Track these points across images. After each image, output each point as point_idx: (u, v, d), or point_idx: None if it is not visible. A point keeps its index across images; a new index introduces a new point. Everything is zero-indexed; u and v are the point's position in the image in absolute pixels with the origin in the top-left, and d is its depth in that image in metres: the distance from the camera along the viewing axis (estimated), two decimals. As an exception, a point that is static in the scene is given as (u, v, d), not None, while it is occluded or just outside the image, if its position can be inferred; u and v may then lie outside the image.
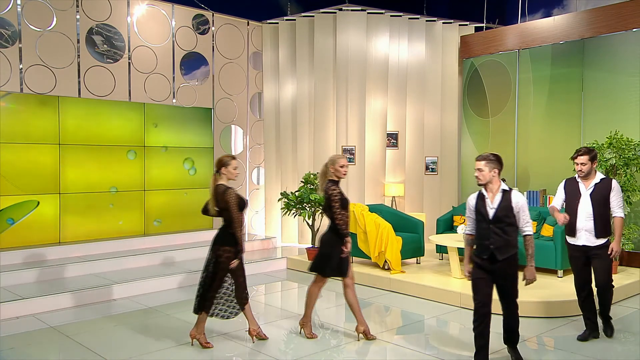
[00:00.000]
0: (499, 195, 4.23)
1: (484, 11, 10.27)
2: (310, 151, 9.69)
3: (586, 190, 4.87)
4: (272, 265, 8.35)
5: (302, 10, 10.13)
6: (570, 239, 4.98)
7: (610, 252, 4.85)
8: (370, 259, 7.51)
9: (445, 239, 7.14)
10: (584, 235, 4.86)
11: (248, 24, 10.05)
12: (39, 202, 7.64)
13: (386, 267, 7.32)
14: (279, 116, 10.04)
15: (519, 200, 4.22)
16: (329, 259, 4.98)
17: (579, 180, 4.93)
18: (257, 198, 10.34)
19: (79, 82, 8.07)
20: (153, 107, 8.79)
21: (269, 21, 10.08)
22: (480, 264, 4.26)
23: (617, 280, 6.72)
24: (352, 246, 7.78)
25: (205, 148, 9.43)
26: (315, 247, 8.26)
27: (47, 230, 7.73)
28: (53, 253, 7.48)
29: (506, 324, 4.45)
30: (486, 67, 9.51)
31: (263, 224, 10.32)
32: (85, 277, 7.02)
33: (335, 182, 4.99)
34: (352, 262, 7.93)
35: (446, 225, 8.16)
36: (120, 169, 8.41)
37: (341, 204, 4.94)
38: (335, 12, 9.38)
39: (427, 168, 9.70)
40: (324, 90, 9.47)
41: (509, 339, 4.50)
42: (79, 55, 8.07)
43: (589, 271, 4.98)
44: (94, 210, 8.16)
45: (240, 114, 10.01)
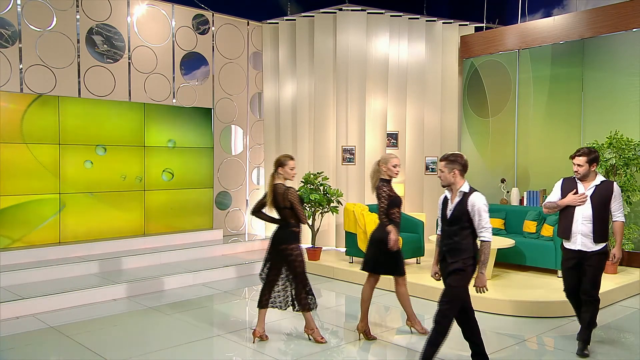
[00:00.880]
0: (457, 197, 4.13)
1: (484, 11, 10.27)
2: (310, 151, 9.70)
3: (585, 192, 4.66)
4: (272, 265, 8.34)
5: (302, 10, 10.13)
6: (565, 243, 4.75)
7: (612, 258, 4.65)
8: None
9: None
10: (579, 239, 4.63)
11: (248, 24, 10.06)
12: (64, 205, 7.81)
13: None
14: (279, 116, 10.04)
15: (475, 203, 4.02)
16: (398, 257, 5.06)
17: (578, 181, 4.72)
18: (257, 198, 10.31)
19: (79, 82, 8.07)
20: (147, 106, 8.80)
21: (269, 21, 10.08)
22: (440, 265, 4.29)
23: (617, 280, 6.74)
24: (352, 246, 7.84)
25: (206, 148, 9.44)
26: (315, 248, 8.27)
27: (47, 230, 7.74)
28: (53, 253, 7.48)
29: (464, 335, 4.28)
30: (486, 67, 9.51)
31: (263, 224, 10.32)
32: (85, 277, 7.02)
33: (387, 181, 5.04)
34: (351, 262, 7.95)
35: (446, 225, 8.15)
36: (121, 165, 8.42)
37: (391, 202, 4.97)
38: (335, 12, 9.38)
39: (427, 168, 9.70)
40: (324, 90, 9.47)
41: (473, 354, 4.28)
42: (79, 55, 8.07)
43: (578, 277, 4.71)
44: (95, 209, 8.17)
45: (240, 114, 10.01)
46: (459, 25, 9.93)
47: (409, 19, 9.65)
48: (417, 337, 5.21)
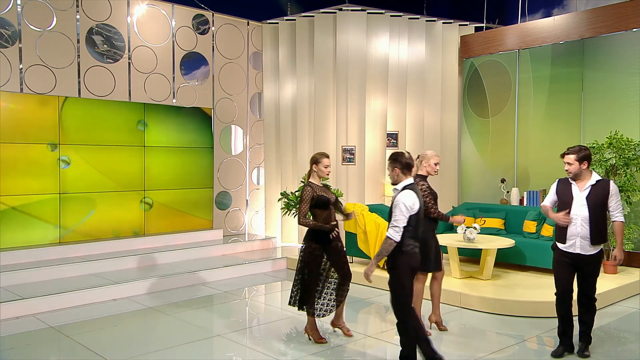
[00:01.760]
0: (394, 195, 4.16)
1: (484, 11, 10.27)
2: (310, 151, 9.68)
3: (580, 192, 4.46)
4: (272, 265, 8.35)
5: (302, 10, 10.13)
6: (560, 245, 4.57)
7: (613, 259, 4.56)
8: (370, 258, 7.50)
9: (445, 239, 7.13)
10: (578, 242, 4.45)
11: (248, 24, 10.05)
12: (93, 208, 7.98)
13: (385, 267, 7.31)
14: (279, 116, 10.04)
15: (397, 200, 4.02)
16: (427, 254, 5.03)
17: (572, 181, 4.54)
18: (257, 198, 10.34)
19: (79, 82, 8.07)
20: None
21: (269, 21, 10.08)
22: None
23: (617, 280, 6.75)
24: (352, 246, 7.83)
25: (206, 148, 9.44)
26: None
27: (47, 230, 7.74)
28: (53, 253, 7.48)
29: None
30: (486, 67, 9.51)
31: (263, 224, 10.32)
32: (85, 277, 7.02)
33: (424, 177, 5.12)
34: (351, 262, 7.94)
35: (446, 226, 8.16)
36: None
37: (432, 197, 5.06)
38: (335, 12, 9.38)
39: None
40: (324, 90, 9.47)
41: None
42: (79, 55, 8.07)
43: (572, 280, 4.57)
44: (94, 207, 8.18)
45: (240, 114, 10.01)
46: (459, 25, 9.92)
47: (409, 19, 9.64)
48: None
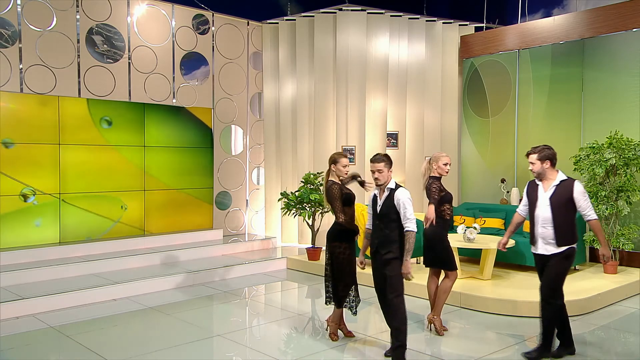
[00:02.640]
0: (385, 193, 4.43)
1: (484, 11, 10.27)
2: (310, 151, 9.69)
3: (545, 193, 4.43)
4: (272, 265, 8.35)
5: (302, 10, 10.13)
6: (532, 247, 4.57)
7: (601, 257, 4.46)
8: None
9: (445, 239, 7.13)
10: (541, 244, 4.43)
11: (248, 24, 10.05)
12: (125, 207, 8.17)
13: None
14: (279, 116, 10.04)
15: (400, 197, 4.33)
16: (449, 252, 5.18)
17: (538, 182, 4.51)
18: (257, 198, 10.34)
19: (79, 82, 8.07)
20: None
21: (269, 21, 10.08)
22: (372, 258, 4.55)
23: (617, 280, 6.74)
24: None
25: (206, 148, 9.44)
26: (315, 248, 8.26)
27: (47, 230, 7.74)
28: (53, 253, 7.48)
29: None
30: (486, 67, 9.51)
31: (263, 224, 10.32)
32: (85, 277, 7.02)
33: (437, 178, 5.18)
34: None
35: (446, 225, 8.16)
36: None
37: (442, 198, 5.11)
38: (335, 12, 9.38)
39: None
40: (324, 90, 9.47)
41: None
42: (79, 55, 8.07)
43: None
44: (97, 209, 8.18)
45: (240, 114, 10.01)
46: (459, 25, 9.92)
47: (409, 19, 9.64)
48: (417, 337, 5.21)
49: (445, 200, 5.14)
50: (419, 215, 8.72)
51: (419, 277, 6.90)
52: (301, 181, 8.48)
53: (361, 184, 5.19)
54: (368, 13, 9.38)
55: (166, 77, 9.00)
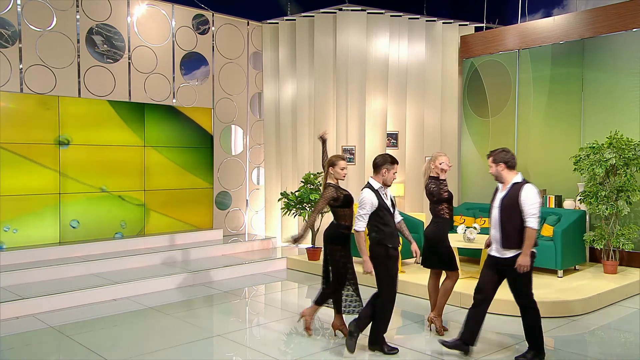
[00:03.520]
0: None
1: (484, 11, 10.27)
2: (310, 151, 9.69)
3: (500, 194, 4.48)
4: (272, 265, 8.35)
5: (302, 10, 10.13)
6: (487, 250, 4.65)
7: (517, 267, 4.33)
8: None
9: (445, 239, 7.12)
10: (493, 245, 4.50)
11: (248, 24, 10.06)
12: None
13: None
14: (279, 116, 10.04)
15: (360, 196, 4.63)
16: (450, 252, 5.16)
17: (499, 184, 4.56)
18: (257, 198, 10.34)
19: (79, 82, 8.07)
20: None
21: (269, 21, 10.08)
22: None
23: (617, 280, 6.74)
24: (352, 246, 7.81)
25: (206, 148, 9.44)
26: (315, 248, 8.26)
27: (47, 230, 7.74)
28: (53, 253, 7.48)
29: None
30: (486, 67, 9.51)
31: (263, 224, 10.32)
32: (85, 277, 7.02)
33: (436, 178, 5.19)
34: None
35: (446, 225, 8.15)
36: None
37: (439, 199, 5.13)
38: (335, 12, 9.38)
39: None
40: (324, 90, 9.47)
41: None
42: (79, 55, 8.07)
43: (493, 282, 4.59)
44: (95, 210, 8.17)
45: (240, 114, 10.01)
46: (459, 25, 9.92)
47: (409, 19, 9.64)
48: (417, 337, 5.20)
49: (444, 200, 5.13)
50: (419, 215, 8.73)
51: (419, 277, 6.90)
52: (301, 181, 8.48)
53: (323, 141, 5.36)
54: (368, 13, 9.38)
55: (166, 77, 9.00)
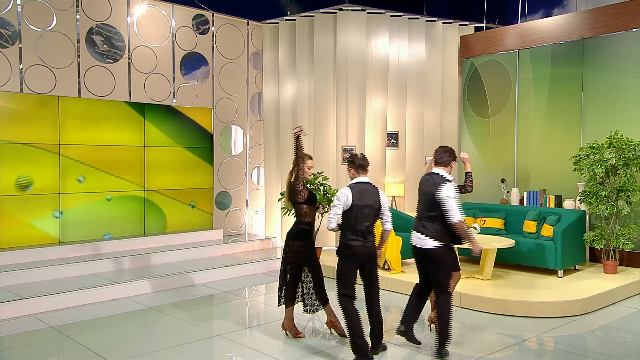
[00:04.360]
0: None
1: (484, 11, 10.27)
2: (310, 151, 9.67)
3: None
4: (272, 265, 8.35)
5: (302, 10, 10.13)
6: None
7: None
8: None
9: (445, 239, 7.13)
10: (416, 235, 4.93)
11: (248, 24, 10.06)
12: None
13: (386, 267, 7.32)
14: (279, 116, 10.04)
15: None
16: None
17: None
18: (257, 198, 10.34)
19: (79, 82, 8.07)
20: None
21: (269, 21, 10.08)
22: None
23: (617, 280, 6.74)
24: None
25: (206, 148, 9.44)
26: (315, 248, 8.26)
27: (47, 230, 7.74)
28: (53, 253, 7.48)
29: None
30: (486, 67, 9.51)
31: (263, 224, 10.32)
32: (85, 277, 7.02)
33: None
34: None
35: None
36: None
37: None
38: (335, 12, 9.38)
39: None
40: (324, 90, 9.47)
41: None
42: (79, 55, 8.07)
43: (424, 273, 4.94)
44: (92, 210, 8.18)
45: (240, 114, 10.01)
46: (459, 25, 9.92)
47: (409, 19, 9.64)
48: (417, 336, 5.20)
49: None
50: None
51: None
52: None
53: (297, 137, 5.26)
54: (368, 13, 9.38)
55: (166, 77, 9.00)
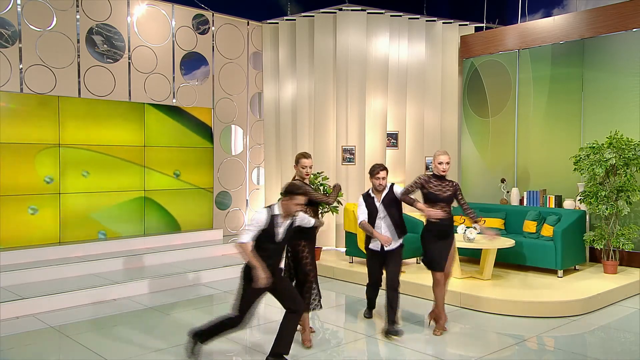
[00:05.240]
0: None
1: (484, 11, 10.28)
2: (310, 151, 9.67)
3: (379, 200, 5.42)
4: (272, 265, 8.33)
5: (302, 10, 10.13)
6: (373, 244, 5.39)
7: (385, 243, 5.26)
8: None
9: (445, 239, 7.12)
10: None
11: (248, 24, 10.06)
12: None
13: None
14: (279, 116, 10.04)
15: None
16: (431, 253, 5.23)
17: (374, 195, 5.40)
18: (257, 198, 10.34)
19: (79, 82, 8.07)
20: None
21: (269, 21, 10.08)
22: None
23: (617, 280, 6.74)
24: (352, 246, 7.84)
25: (206, 148, 9.43)
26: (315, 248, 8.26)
27: (47, 230, 7.74)
28: (53, 253, 7.48)
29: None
30: (486, 67, 9.51)
31: (263, 224, 10.31)
32: (85, 277, 7.02)
33: (437, 176, 5.30)
34: (350, 262, 7.94)
35: (446, 225, 8.15)
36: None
37: (425, 197, 5.33)
38: (335, 12, 9.38)
39: (427, 168, 9.69)
40: (324, 90, 9.47)
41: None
42: (79, 55, 8.07)
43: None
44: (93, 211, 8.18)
45: (240, 114, 10.01)
46: (459, 25, 9.92)
47: (409, 19, 9.64)
48: (417, 336, 5.21)
49: (428, 199, 5.23)
50: (419, 215, 8.72)
51: (419, 277, 6.91)
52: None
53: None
54: (368, 13, 9.37)
55: (166, 77, 9.00)
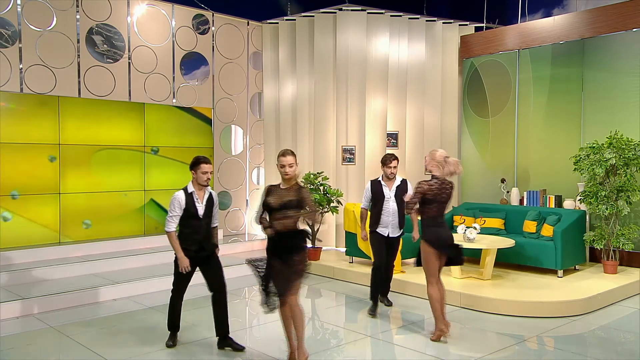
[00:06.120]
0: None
1: (484, 11, 10.27)
2: (310, 151, 9.69)
3: (390, 191, 6.06)
4: (272, 265, 8.33)
5: (302, 10, 10.13)
6: (382, 230, 5.92)
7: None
8: (370, 258, 7.48)
9: (445, 239, 7.12)
10: (391, 229, 6.01)
11: (248, 24, 10.06)
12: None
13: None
14: (279, 116, 10.04)
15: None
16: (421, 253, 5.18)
17: (385, 182, 6.00)
18: (257, 198, 10.34)
19: (79, 82, 8.07)
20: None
21: (269, 21, 10.08)
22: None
23: (617, 280, 6.75)
24: (352, 246, 7.84)
25: (206, 148, 9.43)
26: (316, 248, 8.27)
27: (47, 230, 7.74)
28: (53, 253, 7.48)
29: None
30: (486, 67, 9.51)
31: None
32: (85, 277, 7.02)
33: (435, 176, 5.28)
34: (350, 262, 7.93)
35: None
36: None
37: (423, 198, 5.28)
38: (335, 12, 9.38)
39: (427, 168, 9.68)
40: (324, 90, 9.47)
41: None
42: (79, 55, 8.07)
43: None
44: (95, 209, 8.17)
45: (240, 114, 10.01)
46: (459, 25, 9.92)
47: (409, 19, 9.64)
48: (417, 337, 5.21)
49: (425, 200, 5.18)
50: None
51: (419, 277, 6.89)
52: (301, 181, 8.46)
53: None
54: (368, 13, 9.37)
55: (166, 77, 9.00)
